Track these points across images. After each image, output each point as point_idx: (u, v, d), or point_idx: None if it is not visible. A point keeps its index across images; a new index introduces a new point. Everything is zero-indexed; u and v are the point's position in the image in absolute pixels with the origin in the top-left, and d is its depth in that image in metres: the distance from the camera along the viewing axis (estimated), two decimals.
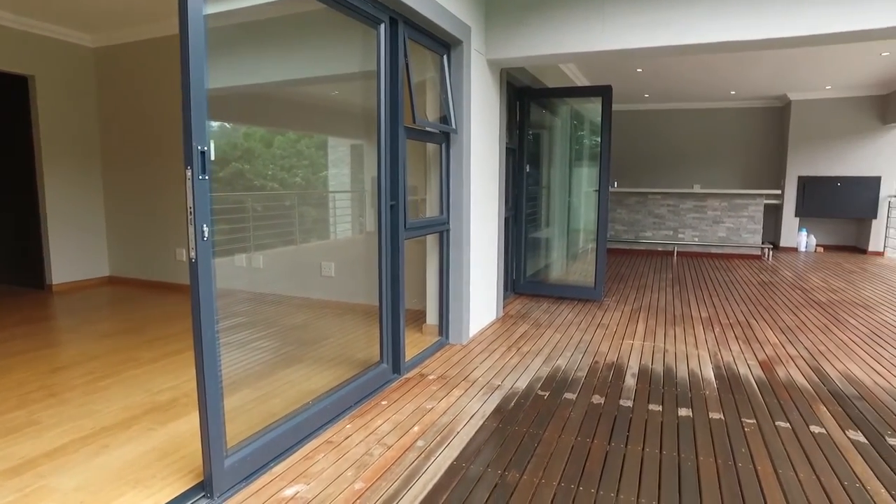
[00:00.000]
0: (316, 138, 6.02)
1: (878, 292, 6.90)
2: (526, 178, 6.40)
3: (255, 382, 3.67)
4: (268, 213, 5.71)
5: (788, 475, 2.64)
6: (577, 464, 2.71)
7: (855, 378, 3.92)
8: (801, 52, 7.66)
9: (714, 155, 11.84)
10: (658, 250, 10.15)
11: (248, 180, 5.34)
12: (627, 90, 10.55)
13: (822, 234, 11.10)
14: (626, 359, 4.28)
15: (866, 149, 10.42)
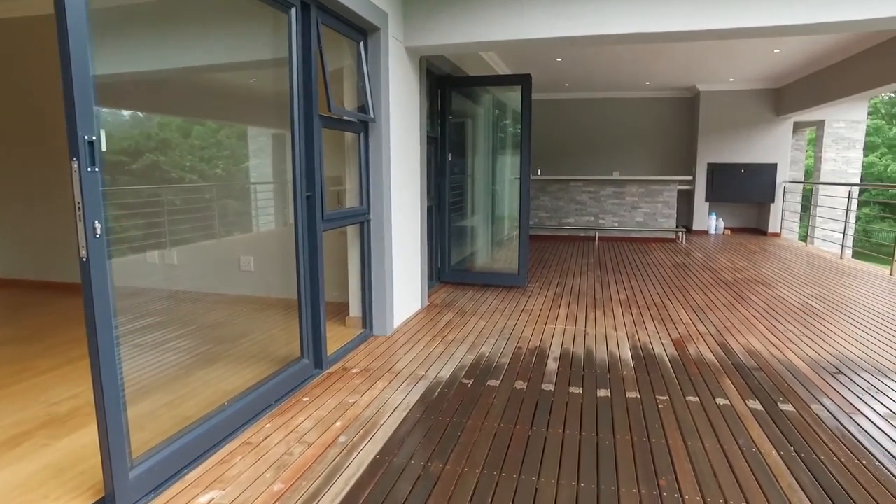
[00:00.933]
0: (237, 128, 5.76)
1: (775, 270, 7.42)
2: (449, 166, 6.40)
3: (167, 385, 3.47)
4: (186, 207, 5.42)
5: (696, 446, 2.78)
6: (499, 450, 2.74)
7: (755, 351, 4.19)
8: (708, 46, 8.05)
9: (632, 143, 12.30)
10: (580, 236, 10.47)
11: (165, 172, 5.04)
12: (548, 79, 10.75)
13: (730, 217, 11.82)
14: (548, 343, 4.38)
15: (765, 138, 11.14)
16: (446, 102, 6.34)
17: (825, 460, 2.66)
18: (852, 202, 8.60)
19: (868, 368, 3.86)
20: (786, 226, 11.26)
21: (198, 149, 5.33)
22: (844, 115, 10.72)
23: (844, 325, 4.89)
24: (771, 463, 2.63)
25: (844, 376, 3.72)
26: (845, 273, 7.34)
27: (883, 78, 7.48)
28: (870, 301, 5.76)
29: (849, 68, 8.35)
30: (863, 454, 2.72)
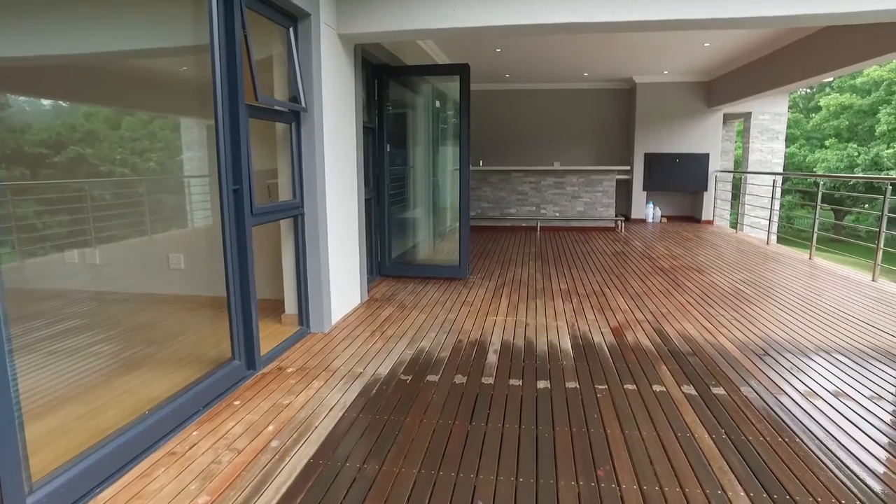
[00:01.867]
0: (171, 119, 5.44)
1: (708, 257, 7.69)
2: (388, 158, 6.28)
3: (84, 395, 3.24)
4: (116, 202, 5.09)
5: (633, 434, 2.81)
6: (438, 448, 2.69)
7: (690, 336, 4.30)
8: (643, 38, 8.22)
9: (572, 133, 12.47)
10: (522, 226, 10.55)
11: (93, 166, 4.70)
12: (489, 70, 10.74)
13: (666, 205, 12.18)
14: (489, 335, 4.35)
15: (697, 129, 11.53)
16: (383, 92, 6.21)
17: (753, 441, 2.74)
18: (776, 190, 9.01)
19: (791, 349, 4.03)
20: (718, 213, 11.71)
21: (128, 141, 5.00)
22: (768, 107, 11.21)
23: (771, 308, 5.09)
24: (704, 447, 2.68)
25: (771, 358, 3.86)
26: (771, 258, 7.68)
27: (802, 73, 7.84)
28: (793, 284, 6.04)
29: (771, 63, 8.71)
30: (786, 432, 2.82)
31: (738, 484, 2.38)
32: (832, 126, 28.62)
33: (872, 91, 27.03)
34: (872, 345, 4.15)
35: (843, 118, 28.14)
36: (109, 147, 4.78)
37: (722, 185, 11.69)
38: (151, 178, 5.23)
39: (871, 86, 27.07)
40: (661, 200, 12.05)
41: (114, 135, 4.85)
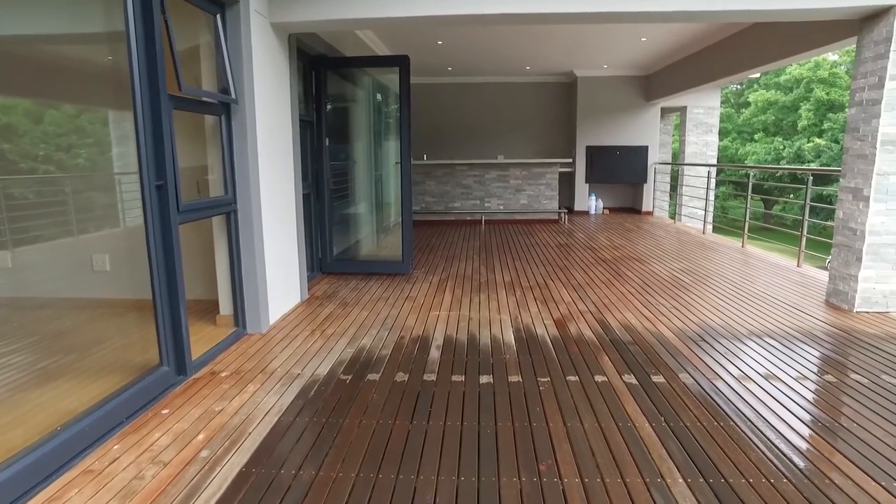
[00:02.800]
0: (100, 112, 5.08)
1: (648, 247, 7.88)
2: (327, 152, 6.10)
3: None
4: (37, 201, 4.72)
5: (576, 426, 2.80)
6: (377, 449, 2.60)
7: (630, 326, 4.36)
8: (583, 33, 8.31)
9: (515, 126, 12.55)
10: (467, 219, 10.54)
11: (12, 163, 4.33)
12: (431, 63, 10.65)
13: (608, 197, 12.44)
14: (431, 331, 4.29)
15: (636, 122, 11.81)
16: (321, 84, 6.03)
17: (690, 427, 2.78)
18: (711, 181, 9.32)
19: (725, 335, 4.14)
20: (658, 204, 12.04)
21: (53, 136, 4.65)
22: (702, 102, 11.59)
23: (707, 295, 5.24)
24: (644, 436, 2.70)
25: (707, 343, 3.96)
26: (707, 247, 7.94)
27: (731, 68, 8.11)
28: (727, 272, 6.25)
29: (704, 59, 8.98)
30: (721, 416, 2.88)
31: (677, 470, 2.40)
32: (760, 121, 30.03)
33: (794, 88, 28.50)
34: (798, 327, 4.32)
35: (770, 113, 29.57)
36: (31, 142, 4.43)
37: (661, 176, 12.02)
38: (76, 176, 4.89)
39: (793, 83, 28.53)
40: (603, 192, 12.29)
41: (35, 129, 4.50)
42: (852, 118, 4.76)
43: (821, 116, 26.45)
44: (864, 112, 4.63)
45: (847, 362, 3.65)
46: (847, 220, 4.82)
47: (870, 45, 4.59)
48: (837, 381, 3.34)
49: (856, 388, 3.23)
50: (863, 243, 4.62)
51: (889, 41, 4.38)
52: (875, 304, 4.71)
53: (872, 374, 3.42)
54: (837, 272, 4.94)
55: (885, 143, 4.47)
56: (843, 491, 2.26)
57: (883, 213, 4.56)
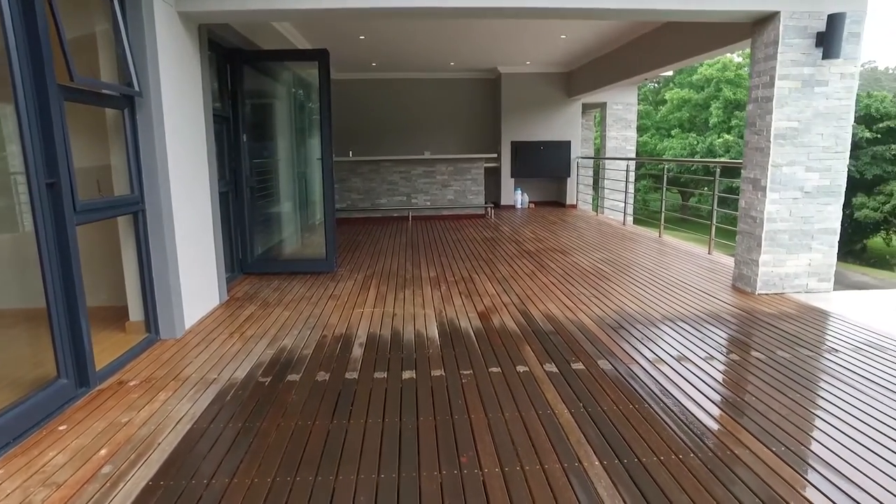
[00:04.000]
0: None
1: (571, 239, 8.10)
2: (246, 149, 5.89)
3: None
4: None
5: (497, 417, 2.83)
6: (295, 452, 2.52)
7: (552, 316, 4.46)
8: (505, 29, 8.41)
9: (441, 122, 12.59)
10: (394, 216, 10.47)
11: None
12: (355, 58, 10.50)
13: (533, 192, 12.70)
14: (355, 329, 4.22)
15: (559, 117, 12.11)
16: (237, 79, 5.80)
17: (607, 411, 2.86)
18: (630, 174, 9.70)
19: (641, 320, 4.31)
20: (581, 198, 12.40)
21: None
22: (621, 98, 12.03)
23: (625, 283, 5.44)
24: (563, 422, 2.76)
25: (624, 330, 4.10)
26: (627, 238, 8.25)
27: (646, 66, 8.45)
28: (644, 260, 6.51)
29: (621, 57, 9.32)
30: (636, 399, 2.99)
31: (594, 454, 2.47)
32: (676, 118, 31.60)
33: (705, 87, 30.16)
34: (707, 310, 4.55)
35: (685, 111, 31.17)
36: None
37: (584, 170, 12.39)
38: None
39: (704, 83, 30.19)
40: (528, 187, 12.53)
41: None
42: (750, 114, 5.07)
43: (729, 114, 28.11)
44: (759, 108, 4.94)
45: (749, 341, 3.88)
46: (748, 208, 5.13)
47: (761, 47, 4.90)
48: (740, 359, 3.54)
49: (755, 365, 3.44)
50: (762, 230, 4.93)
51: (776, 44, 4.68)
52: (773, 286, 5.04)
53: (769, 351, 3.66)
54: (741, 258, 5.25)
55: (778, 137, 4.79)
56: (741, 460, 2.39)
57: (777, 202, 4.88)
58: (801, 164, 4.88)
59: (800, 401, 2.96)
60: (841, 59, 4.71)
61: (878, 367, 3.39)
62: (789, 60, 4.73)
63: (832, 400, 2.99)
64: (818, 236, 5.03)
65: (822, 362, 3.49)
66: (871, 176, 24.33)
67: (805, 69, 4.76)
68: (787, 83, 4.75)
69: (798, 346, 3.77)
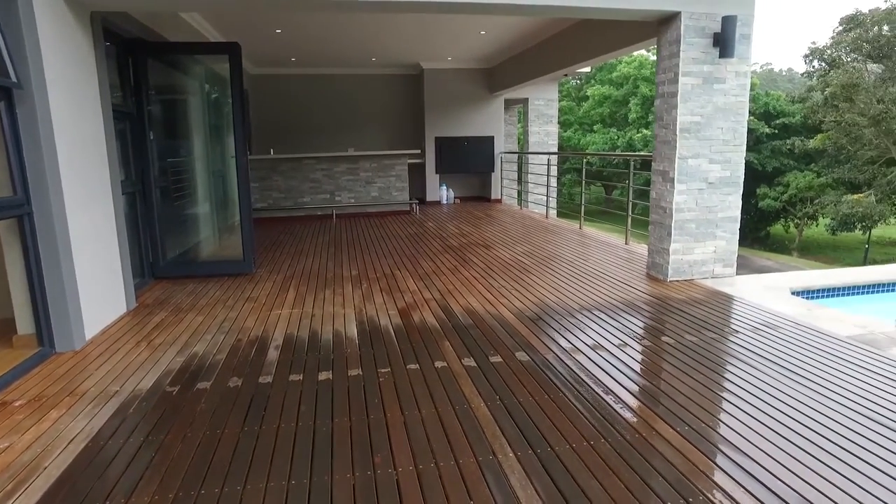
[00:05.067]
0: None
1: (495, 233, 8.20)
2: (153, 147, 5.56)
3: None
4: None
5: (413, 415, 2.80)
6: (201, 463, 2.40)
7: (473, 310, 4.48)
8: (426, 24, 8.38)
9: (365, 119, 12.43)
10: (318, 214, 10.25)
11: None
12: (273, 52, 10.17)
13: (459, 187, 12.77)
14: (271, 331, 4.08)
15: (482, 113, 12.23)
16: (141, 72, 5.45)
17: (523, 402, 2.89)
18: (552, 168, 9.92)
19: (560, 311, 4.41)
20: (507, 192, 12.59)
21: None
22: (542, 94, 12.27)
23: (545, 275, 5.55)
24: (480, 416, 2.76)
25: (543, 321, 4.18)
26: (549, 230, 8.44)
27: (563, 62, 8.65)
28: (564, 252, 6.68)
29: (539, 53, 9.50)
30: (551, 389, 3.04)
31: (508, 446, 2.48)
32: (598, 113, 32.71)
33: (624, 85, 31.40)
34: (623, 299, 4.72)
35: (605, 107, 32.31)
36: None
37: (509, 165, 12.57)
38: None
39: (623, 80, 31.42)
40: (453, 182, 12.60)
41: None
42: (658, 108, 5.29)
43: (646, 110, 29.35)
44: (666, 103, 5.16)
45: (660, 327, 4.05)
46: (659, 199, 5.35)
47: (666, 45, 5.12)
48: (651, 345, 3.68)
49: (665, 350, 3.59)
50: (671, 220, 5.15)
51: (679, 42, 4.91)
52: (683, 273, 5.29)
53: (678, 335, 3.83)
54: (654, 247, 5.48)
55: (683, 131, 5.02)
56: (649, 443, 2.48)
57: (685, 193, 5.12)
58: (705, 156, 5.14)
59: (705, 382, 3.10)
60: (735, 58, 5.00)
61: (772, 346, 3.61)
62: (690, 58, 4.96)
63: (734, 380, 3.15)
64: (722, 224, 5.32)
65: (725, 344, 3.68)
66: (771, 168, 26.11)
67: (705, 67, 5.01)
68: (690, 80, 4.99)
69: (704, 329, 3.96)
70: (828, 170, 24.55)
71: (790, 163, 26.20)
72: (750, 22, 5.02)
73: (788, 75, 48.31)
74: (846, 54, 23.97)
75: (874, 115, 21.87)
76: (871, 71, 23.35)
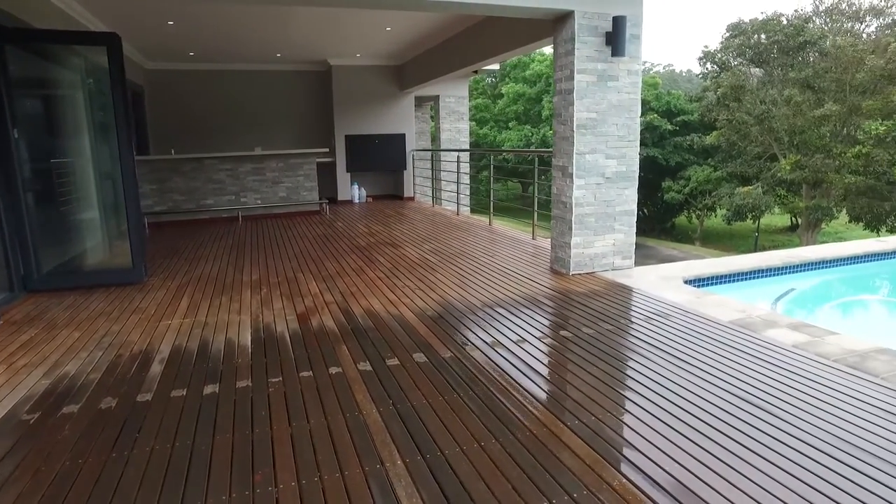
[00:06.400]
0: None
1: (404, 231, 8.13)
2: (19, 146, 5.05)
3: None
4: None
5: (301, 426, 2.67)
6: (56, 497, 2.16)
7: (374, 311, 4.38)
8: (329, 19, 8.13)
9: (272, 117, 11.98)
10: (223, 217, 9.77)
11: None
12: (167, 46, 9.57)
13: (371, 185, 12.60)
14: (157, 344, 3.80)
15: (393, 110, 12.11)
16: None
17: (416, 406, 2.83)
18: (462, 165, 9.96)
19: (462, 309, 4.39)
20: (421, 190, 12.54)
21: None
22: (453, 91, 12.32)
23: (450, 273, 5.53)
24: (370, 423, 2.68)
25: (444, 320, 4.14)
26: (458, 227, 8.46)
27: (470, 59, 8.69)
28: (471, 249, 6.70)
29: (446, 50, 9.50)
30: (446, 390, 3.00)
31: (398, 453, 2.41)
32: (513, 110, 33.39)
33: (537, 82, 32.23)
34: (525, 294, 4.77)
35: (520, 104, 33.04)
36: None
37: (422, 163, 12.53)
38: None
39: (536, 78, 32.25)
40: (365, 181, 12.41)
41: None
42: (556, 105, 5.39)
43: None
44: (563, 100, 5.26)
45: (559, 321, 4.12)
46: (559, 194, 5.46)
47: (562, 43, 5.23)
48: (549, 340, 3.73)
49: (563, 344, 3.65)
50: (572, 214, 5.27)
51: (573, 40, 5.02)
52: (584, 267, 5.43)
53: (576, 329, 3.90)
54: (556, 241, 5.59)
55: (580, 127, 5.14)
56: (540, 441, 2.48)
57: (583, 188, 5.25)
58: (602, 151, 5.29)
59: (599, 375, 3.16)
60: (627, 56, 5.18)
61: (663, 335, 3.75)
62: (585, 56, 5.09)
63: (626, 371, 3.24)
64: (619, 218, 5.50)
65: (620, 336, 3.79)
66: (674, 163, 27.63)
67: (599, 65, 5.15)
68: (585, 77, 5.11)
69: (601, 321, 4.06)
70: (723, 164, 26.30)
71: (691, 158, 27.84)
72: (639, 22, 5.21)
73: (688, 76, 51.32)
74: (733, 58, 25.77)
75: (759, 115, 23.72)
76: (754, 74, 25.24)
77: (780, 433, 2.51)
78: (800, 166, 22.25)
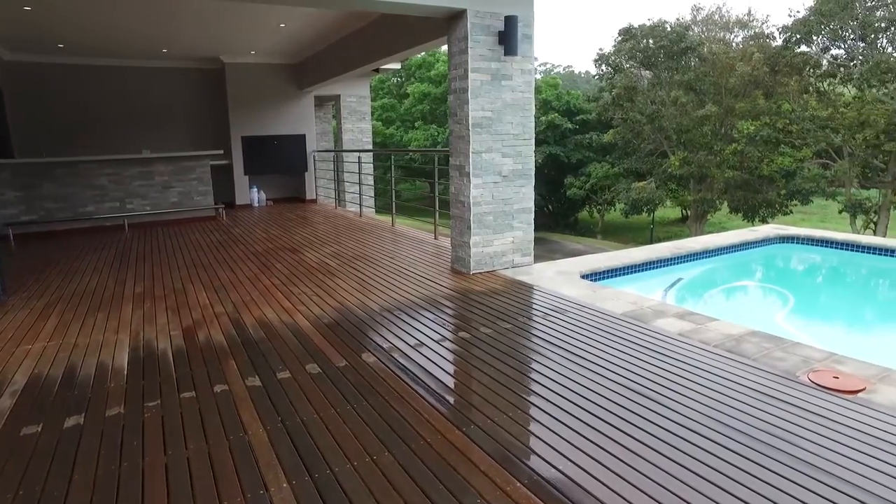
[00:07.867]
0: None
1: (304, 235, 7.85)
2: None
3: None
4: None
5: (178, 454, 2.45)
6: None
7: (267, 322, 4.15)
8: (219, 14, 7.67)
9: (162, 118, 11.21)
10: (107, 226, 9.00)
11: None
12: (30, 35, 8.62)
13: (271, 188, 12.10)
14: (11, 373, 3.37)
15: (292, 111, 11.71)
16: None
17: (307, 421, 2.68)
18: (363, 166, 9.77)
19: (360, 315, 4.26)
20: (324, 192, 12.20)
21: None
22: (354, 91, 12.08)
23: (350, 277, 5.38)
24: (256, 444, 2.50)
25: (340, 328, 3.99)
26: (361, 229, 8.29)
27: (367, 58, 8.52)
28: (373, 251, 6.57)
29: (343, 49, 9.28)
30: (339, 402, 2.87)
31: (283, 474, 2.26)
32: (419, 110, 33.44)
33: (442, 82, 32.47)
34: (425, 295, 4.71)
35: (425, 104, 33.14)
36: None
37: (324, 164, 12.19)
38: None
39: (441, 78, 32.48)
40: (265, 184, 11.91)
41: None
42: (451, 104, 5.38)
43: None
44: (458, 99, 5.25)
45: (458, 322, 4.09)
46: (457, 193, 5.46)
47: (455, 42, 5.22)
48: (448, 342, 3.68)
49: (460, 345, 3.61)
50: (470, 213, 5.28)
51: (467, 39, 5.02)
52: (485, 265, 5.46)
53: (475, 329, 3.89)
54: (457, 241, 5.58)
55: (475, 126, 5.16)
56: (433, 448, 2.42)
57: (481, 186, 5.27)
58: (498, 150, 5.33)
59: (495, 376, 3.14)
60: (519, 56, 5.24)
61: (559, 331, 3.81)
62: (478, 55, 5.10)
63: (523, 370, 3.24)
64: (517, 216, 5.57)
65: (518, 334, 3.81)
66: (575, 160, 28.78)
67: (492, 64, 5.18)
68: (479, 76, 5.13)
69: (500, 320, 4.07)
70: (620, 161, 27.75)
71: (591, 155, 29.11)
72: (531, 23, 5.29)
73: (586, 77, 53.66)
74: (626, 61, 27.26)
75: (650, 114, 25.30)
76: (645, 76, 26.85)
77: (668, 422, 2.59)
78: (687, 162, 23.90)
